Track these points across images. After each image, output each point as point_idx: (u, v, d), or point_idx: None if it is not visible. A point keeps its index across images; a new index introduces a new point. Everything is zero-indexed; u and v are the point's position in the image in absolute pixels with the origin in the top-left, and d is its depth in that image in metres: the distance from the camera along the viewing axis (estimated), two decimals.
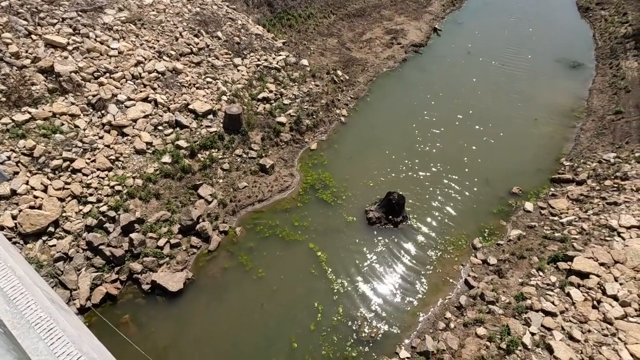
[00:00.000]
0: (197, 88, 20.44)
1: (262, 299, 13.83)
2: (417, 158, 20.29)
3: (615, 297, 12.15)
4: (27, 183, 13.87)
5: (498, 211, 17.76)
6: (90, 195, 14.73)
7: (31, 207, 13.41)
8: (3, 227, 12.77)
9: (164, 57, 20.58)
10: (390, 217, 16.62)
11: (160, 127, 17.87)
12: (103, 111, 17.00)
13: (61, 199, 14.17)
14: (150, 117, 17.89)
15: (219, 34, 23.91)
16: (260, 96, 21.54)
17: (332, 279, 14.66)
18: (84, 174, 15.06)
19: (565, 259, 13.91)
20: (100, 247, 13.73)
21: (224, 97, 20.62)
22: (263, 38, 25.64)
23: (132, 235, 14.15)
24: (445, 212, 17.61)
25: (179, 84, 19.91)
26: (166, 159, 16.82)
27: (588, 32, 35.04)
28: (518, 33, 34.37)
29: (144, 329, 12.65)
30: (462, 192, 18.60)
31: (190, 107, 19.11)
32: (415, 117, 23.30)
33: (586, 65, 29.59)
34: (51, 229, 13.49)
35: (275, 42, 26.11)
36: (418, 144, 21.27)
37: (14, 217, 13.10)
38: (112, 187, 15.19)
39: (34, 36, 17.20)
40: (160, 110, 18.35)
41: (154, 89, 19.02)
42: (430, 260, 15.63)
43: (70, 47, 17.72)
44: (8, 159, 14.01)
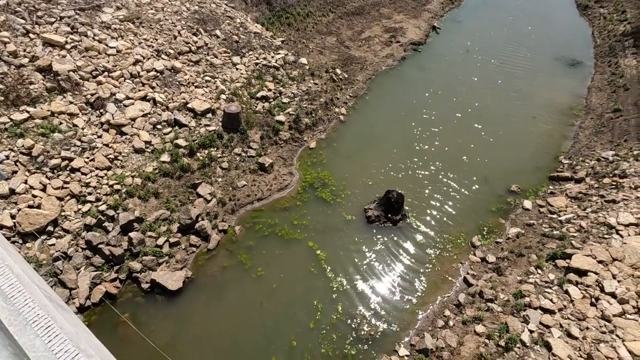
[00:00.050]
0: (196, 87, 20.41)
1: (261, 298, 13.85)
2: (416, 156, 20.31)
3: (613, 295, 12.19)
4: (25, 182, 13.85)
5: (497, 209, 17.80)
6: (89, 194, 14.72)
7: (30, 206, 13.40)
8: (2, 227, 12.75)
9: (163, 56, 20.54)
10: (390, 215, 16.64)
11: (159, 126, 17.85)
12: (101, 110, 16.99)
13: (60, 198, 14.16)
14: (149, 116, 17.87)
15: (218, 32, 23.86)
16: (259, 95, 21.53)
17: (332, 277, 14.69)
18: (82, 173, 15.05)
19: (564, 257, 13.94)
20: (100, 246, 13.73)
21: (223, 96, 20.59)
22: (262, 36, 25.60)
23: (132, 234, 14.15)
24: (444, 210, 17.64)
25: (177, 83, 19.88)
26: (165, 157, 16.81)
27: (587, 30, 35.08)
28: (517, 31, 34.40)
29: (144, 328, 12.65)
30: (461, 190, 18.63)
31: (189, 105, 19.09)
32: (414, 115, 23.32)
33: (585, 63, 29.64)
34: (50, 228, 13.48)
35: (274, 41, 26.06)
36: (417, 142, 21.29)
37: (12, 217, 13.08)
38: (111, 186, 15.19)
39: (31, 35, 17.14)
40: (159, 109, 18.33)
41: (152, 87, 18.99)
42: (429, 258, 15.66)
43: (68, 46, 17.67)
44: (7, 158, 13.99)
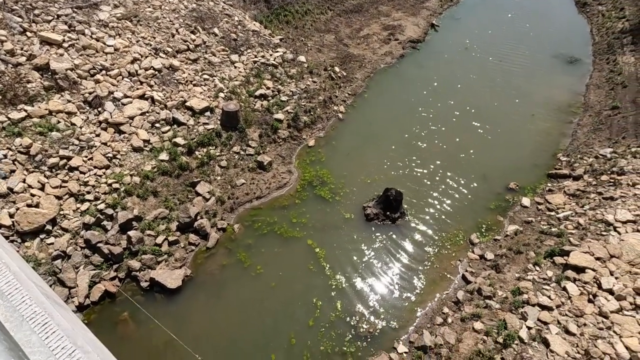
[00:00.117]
0: (194, 85, 20.37)
1: (260, 296, 13.87)
2: (414, 154, 20.32)
3: (610, 291, 12.26)
4: (24, 181, 13.84)
5: (495, 207, 17.84)
6: (88, 193, 14.71)
7: (28, 205, 13.39)
8: (0, 226, 12.75)
9: (161, 54, 20.48)
10: (388, 213, 16.67)
11: (157, 125, 17.83)
12: (99, 109, 16.94)
13: (58, 197, 14.15)
14: (147, 114, 17.83)
15: (216, 30, 23.79)
16: (257, 93, 21.49)
17: (331, 275, 14.72)
18: (81, 172, 15.03)
19: (562, 254, 14.00)
20: (99, 244, 13.73)
21: (221, 94, 20.56)
22: (260, 34, 25.54)
23: (130, 233, 14.15)
24: (442, 208, 17.67)
25: (175, 81, 19.84)
26: (163, 156, 16.79)
27: (585, 27, 35.07)
28: (515, 29, 34.37)
29: (143, 326, 12.69)
30: (459, 188, 18.66)
31: (187, 104, 19.05)
32: (413, 113, 23.32)
33: (583, 60, 29.65)
34: (49, 227, 13.47)
35: (272, 39, 26.01)
36: (416, 140, 21.31)
37: (11, 216, 13.07)
38: (109, 185, 15.18)
39: (29, 33, 17.08)
40: (157, 107, 18.29)
41: (150, 86, 18.94)
42: (428, 255, 15.70)
43: (65, 45, 17.61)
44: (4, 157, 13.97)
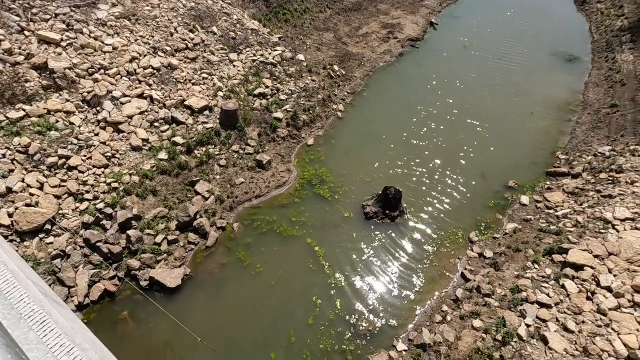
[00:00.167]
0: (193, 84, 20.33)
1: (260, 294, 13.90)
2: (413, 153, 20.34)
3: (609, 289, 12.30)
4: (22, 180, 13.82)
5: (494, 205, 17.87)
6: (87, 192, 14.69)
7: (27, 205, 13.38)
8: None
9: (159, 53, 20.44)
10: (387, 211, 16.69)
11: (156, 124, 17.80)
12: (98, 108, 16.91)
13: (57, 196, 14.13)
14: (145, 113, 17.80)
15: (214, 29, 23.74)
16: (256, 92, 21.47)
17: (330, 273, 14.74)
18: (80, 171, 15.02)
19: (560, 252, 14.04)
20: (98, 244, 13.73)
21: (220, 93, 20.53)
22: (259, 33, 25.49)
23: (129, 232, 14.15)
24: (441, 206, 17.70)
25: (174, 80, 19.80)
26: (162, 155, 16.78)
27: (584, 25, 35.08)
28: (514, 27, 34.37)
29: (143, 325, 12.71)
30: (458, 186, 18.68)
31: (186, 103, 19.02)
32: (412, 111, 23.32)
33: (582, 58, 29.66)
34: (48, 226, 13.46)
35: (271, 37, 25.96)
36: (414, 138, 21.32)
37: (10, 215, 13.06)
38: (108, 184, 15.16)
39: (26, 32, 17.02)
40: (155, 106, 18.26)
41: (149, 85, 18.91)
42: (427, 254, 15.73)
43: (63, 43, 17.55)
44: (3, 156, 13.94)
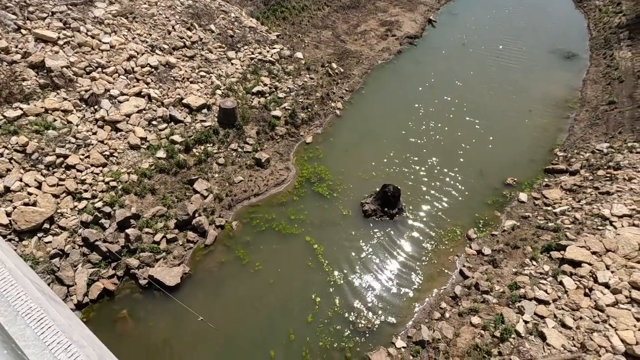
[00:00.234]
0: (191, 82, 20.29)
1: (259, 292, 13.92)
2: (412, 150, 20.35)
3: (606, 285, 12.35)
4: (20, 180, 13.79)
5: (492, 202, 17.92)
6: (85, 191, 14.67)
7: (25, 204, 13.35)
8: None
9: (157, 51, 20.38)
10: (386, 209, 16.72)
11: (154, 122, 17.77)
12: (96, 106, 16.86)
13: (56, 196, 14.11)
14: (144, 112, 17.76)
15: (212, 27, 23.66)
16: (254, 90, 21.44)
17: (329, 271, 14.77)
18: (78, 170, 14.99)
19: (558, 248, 14.09)
20: (97, 243, 13.72)
21: (218, 91, 20.49)
22: (257, 31, 25.42)
23: (128, 231, 14.14)
24: (440, 203, 17.73)
25: (172, 78, 19.75)
26: (161, 154, 16.76)
27: (582, 22, 35.08)
28: (512, 24, 34.36)
29: (142, 324, 12.73)
30: (456, 183, 18.72)
31: (184, 101, 18.98)
32: (410, 109, 23.32)
33: (580, 55, 29.67)
34: (46, 225, 13.44)
35: (269, 35, 25.90)
36: (413, 136, 21.33)
37: (8, 214, 13.04)
38: (107, 183, 15.14)
39: (23, 31, 16.94)
40: (154, 105, 18.22)
41: (147, 83, 18.86)
42: (426, 251, 15.77)
43: (61, 42, 17.48)
44: (1, 155, 13.91)
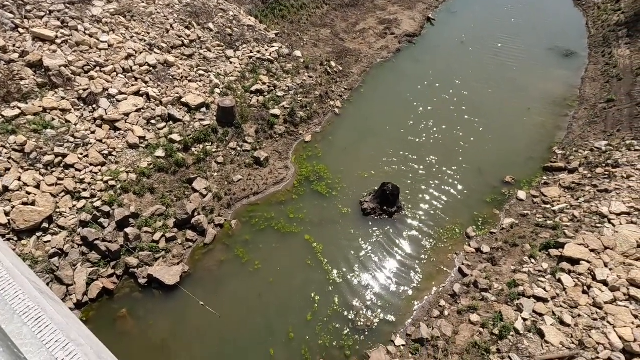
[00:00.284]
0: (190, 81, 20.25)
1: (258, 291, 13.94)
2: (411, 149, 20.36)
3: (604, 282, 12.40)
4: (19, 179, 13.75)
5: (491, 200, 17.94)
6: (84, 190, 14.65)
7: (24, 204, 13.33)
8: None
9: (155, 50, 20.32)
10: (385, 207, 16.73)
11: (153, 121, 17.73)
12: (94, 105, 16.82)
13: (54, 195, 14.08)
14: (142, 111, 17.73)
15: (211, 25, 23.61)
16: (253, 88, 21.41)
17: (328, 269, 14.79)
18: (76, 169, 14.96)
19: (557, 246, 14.13)
20: (96, 242, 13.71)
21: (217, 90, 20.46)
22: (255, 29, 25.37)
23: (127, 230, 14.14)
24: (439, 202, 17.75)
25: (171, 77, 19.71)
26: (160, 153, 16.73)
27: (581, 20, 35.09)
28: (511, 22, 34.35)
29: (142, 323, 12.74)
30: (455, 182, 18.74)
31: (182, 100, 18.95)
32: (409, 107, 23.32)
33: (579, 53, 29.69)
34: (45, 224, 13.43)
35: (268, 34, 25.84)
36: (412, 134, 21.33)
37: (7, 214, 13.01)
38: (105, 182, 15.12)
39: (21, 30, 16.88)
40: (152, 103, 18.19)
41: (145, 82, 18.81)
42: (425, 249, 15.80)
43: (58, 41, 17.42)
44: None
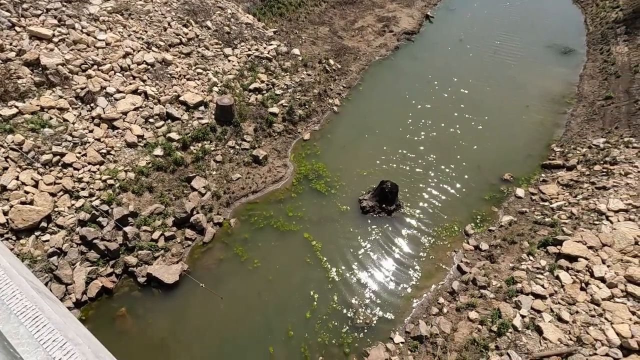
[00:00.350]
0: (188, 79, 20.19)
1: (258, 289, 13.96)
2: (409, 146, 20.37)
3: (602, 279, 12.46)
4: (17, 178, 13.71)
5: (490, 198, 17.99)
6: (83, 189, 14.62)
7: (22, 203, 13.29)
8: None
9: (153, 48, 20.25)
10: (384, 205, 16.76)
11: (151, 120, 17.69)
12: (92, 104, 16.77)
13: (53, 194, 14.05)
14: (140, 109, 17.68)
15: (209, 23, 23.52)
16: (251, 87, 21.36)
17: (327, 267, 14.82)
18: (75, 168, 14.92)
19: (555, 243, 14.19)
20: (94, 241, 13.70)
21: (215, 88, 20.41)
22: (253, 27, 25.28)
23: (126, 229, 14.13)
24: (438, 199, 17.79)
25: (169, 76, 19.65)
26: (158, 151, 16.70)
27: (579, 17, 35.08)
28: (510, 19, 34.33)
29: (141, 321, 12.75)
30: (454, 179, 18.77)
31: (181, 98, 18.90)
32: (408, 105, 23.31)
33: (577, 51, 29.70)
34: (44, 224, 13.41)
35: (266, 31, 25.76)
36: (410, 132, 21.34)
37: (5, 213, 12.98)
38: (104, 181, 15.09)
39: (17, 28, 16.79)
40: (150, 102, 18.13)
41: (143, 80, 18.75)
42: (424, 247, 15.84)
43: (55, 39, 17.33)
44: None
